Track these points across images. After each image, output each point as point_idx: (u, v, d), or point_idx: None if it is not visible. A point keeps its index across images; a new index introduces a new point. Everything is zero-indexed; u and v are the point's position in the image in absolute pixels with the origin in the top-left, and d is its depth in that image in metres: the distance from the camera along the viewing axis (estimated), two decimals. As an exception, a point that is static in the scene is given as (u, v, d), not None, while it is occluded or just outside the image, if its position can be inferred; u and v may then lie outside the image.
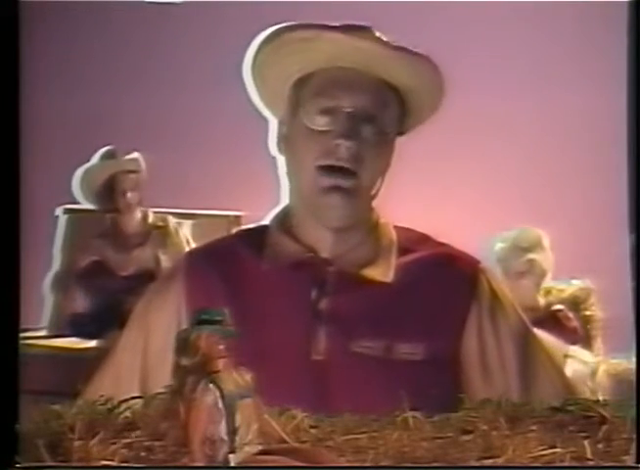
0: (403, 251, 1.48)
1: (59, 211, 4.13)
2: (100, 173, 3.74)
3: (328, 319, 1.41)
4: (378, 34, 1.45)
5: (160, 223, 3.80)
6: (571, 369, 2.57)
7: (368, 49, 1.41)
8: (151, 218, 3.80)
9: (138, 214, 3.79)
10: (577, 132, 3.94)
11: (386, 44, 1.43)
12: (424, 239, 1.51)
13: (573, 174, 3.93)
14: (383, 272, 1.44)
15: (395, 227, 1.51)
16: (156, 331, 1.43)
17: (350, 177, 1.41)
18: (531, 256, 3.16)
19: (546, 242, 3.21)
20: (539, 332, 1.57)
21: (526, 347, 1.46)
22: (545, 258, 3.19)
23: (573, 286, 3.27)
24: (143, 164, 3.75)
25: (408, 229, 1.52)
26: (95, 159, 3.78)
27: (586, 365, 2.79)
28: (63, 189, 3.89)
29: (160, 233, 3.76)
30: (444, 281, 1.45)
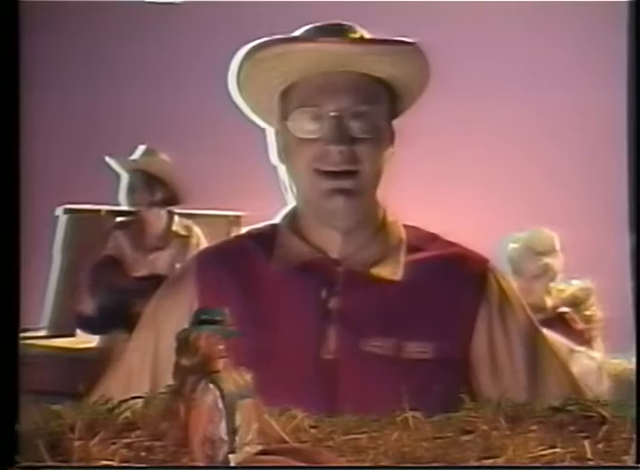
0: (412, 249, 1.47)
1: (59, 211, 4.13)
2: (122, 168, 3.72)
3: (338, 319, 1.41)
4: (354, 32, 1.44)
5: (184, 232, 3.75)
6: (578, 364, 2.58)
7: (343, 50, 1.40)
8: (175, 225, 3.76)
9: (163, 216, 3.74)
10: (577, 132, 3.94)
11: (360, 41, 1.43)
12: (433, 238, 1.51)
13: (573, 174, 3.94)
14: (392, 270, 1.44)
15: (404, 226, 1.51)
16: (166, 332, 1.42)
17: (351, 177, 1.40)
18: (547, 260, 3.17)
19: (558, 245, 3.23)
20: (549, 333, 1.57)
21: (535, 346, 1.46)
22: (558, 262, 3.21)
23: (573, 286, 3.27)
24: (170, 166, 3.70)
25: (416, 228, 1.52)
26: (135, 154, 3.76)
27: (593, 360, 2.80)
28: (63, 189, 3.90)
29: (181, 243, 3.71)
30: (454, 280, 1.45)
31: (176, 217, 3.77)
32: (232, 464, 0.91)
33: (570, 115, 3.90)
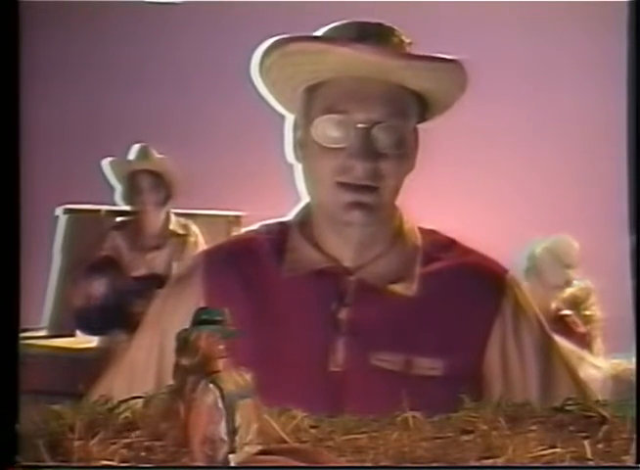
0: (428, 259, 1.43)
1: (59, 211, 4.13)
2: (118, 170, 3.71)
3: (347, 330, 1.38)
4: (393, 35, 1.39)
5: (181, 231, 3.73)
6: (583, 373, 2.57)
7: (382, 61, 1.34)
8: (173, 224, 3.75)
9: (161, 216, 3.73)
10: (577, 132, 3.94)
11: (399, 55, 1.37)
12: (450, 244, 1.47)
13: (573, 175, 3.93)
14: (406, 286, 1.40)
15: (420, 230, 1.47)
16: (171, 331, 1.40)
17: (371, 192, 1.36)
18: (572, 272, 3.16)
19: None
20: (562, 341, 1.55)
21: (548, 357, 1.43)
22: (577, 271, 3.20)
23: (573, 286, 3.27)
24: (172, 166, 3.69)
25: (434, 232, 1.48)
26: (130, 153, 3.75)
27: (599, 370, 2.78)
28: (63, 189, 3.89)
29: (178, 242, 3.70)
30: (468, 294, 1.41)
31: (173, 216, 3.76)
32: (232, 464, 0.91)
33: (568, 115, 3.90)
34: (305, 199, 1.48)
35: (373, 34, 1.38)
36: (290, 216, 1.50)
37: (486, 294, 1.42)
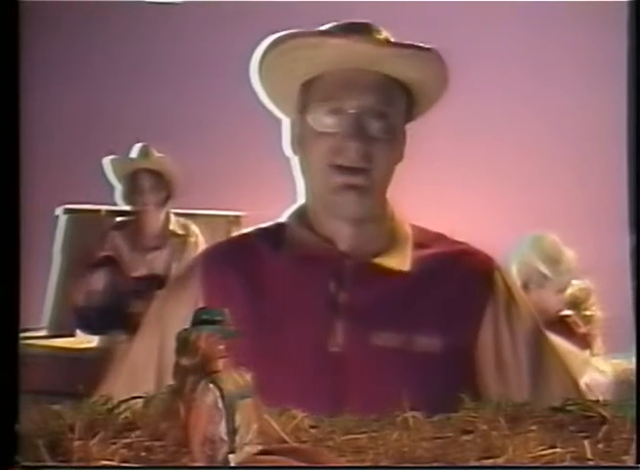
0: (419, 245, 1.49)
1: (59, 211, 4.13)
2: (119, 169, 3.70)
3: (346, 312, 1.42)
4: (379, 33, 1.46)
5: (181, 232, 3.72)
6: (589, 377, 2.57)
7: (372, 50, 1.42)
8: (173, 224, 3.73)
9: (161, 216, 3.72)
10: (577, 132, 3.94)
11: (388, 43, 1.45)
12: (439, 237, 1.53)
13: (573, 174, 3.94)
14: (400, 261, 1.46)
15: (411, 225, 1.52)
16: (171, 331, 1.41)
17: (362, 175, 1.42)
18: (566, 266, 3.14)
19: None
20: (558, 338, 1.57)
21: (539, 346, 1.47)
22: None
23: (573, 286, 3.26)
24: (172, 166, 3.69)
25: (423, 228, 1.54)
26: (131, 152, 3.74)
27: (604, 374, 2.77)
28: (63, 189, 3.89)
29: (179, 242, 3.69)
30: (461, 276, 1.47)
31: (173, 217, 3.75)
32: (232, 464, 0.91)
33: (568, 115, 3.91)
34: (302, 200, 1.52)
35: (361, 30, 1.46)
36: (284, 217, 1.54)
37: (477, 277, 1.47)
